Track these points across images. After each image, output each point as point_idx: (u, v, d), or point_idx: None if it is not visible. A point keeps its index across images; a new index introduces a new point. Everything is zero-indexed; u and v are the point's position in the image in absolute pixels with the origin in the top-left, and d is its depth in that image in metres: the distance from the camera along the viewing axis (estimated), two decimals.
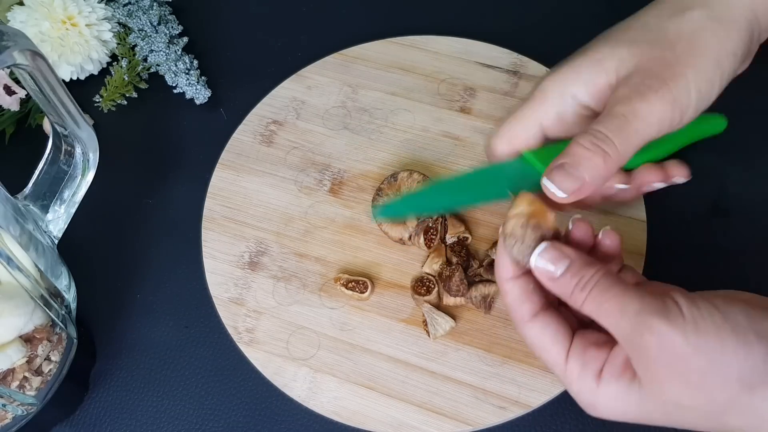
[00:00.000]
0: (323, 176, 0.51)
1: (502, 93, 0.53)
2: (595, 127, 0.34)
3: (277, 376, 0.44)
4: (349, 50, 0.55)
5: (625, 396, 0.31)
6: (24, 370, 0.40)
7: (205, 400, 0.45)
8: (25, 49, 0.36)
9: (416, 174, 0.48)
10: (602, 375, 0.32)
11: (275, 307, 0.47)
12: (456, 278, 0.44)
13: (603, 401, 0.32)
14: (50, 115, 0.42)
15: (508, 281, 0.34)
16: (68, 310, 0.43)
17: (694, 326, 0.29)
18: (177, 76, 0.55)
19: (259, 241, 0.49)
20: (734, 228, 0.48)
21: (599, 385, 0.32)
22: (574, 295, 0.32)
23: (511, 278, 0.34)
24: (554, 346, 0.33)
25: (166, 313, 0.48)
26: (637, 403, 0.31)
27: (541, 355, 0.34)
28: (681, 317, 0.29)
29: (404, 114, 0.53)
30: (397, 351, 0.44)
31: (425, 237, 0.46)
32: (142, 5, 0.57)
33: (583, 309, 0.32)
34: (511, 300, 0.34)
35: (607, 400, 0.32)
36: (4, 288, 0.39)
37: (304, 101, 0.54)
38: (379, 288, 0.46)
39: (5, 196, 0.38)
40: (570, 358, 0.33)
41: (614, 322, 0.31)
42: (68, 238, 0.44)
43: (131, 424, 0.45)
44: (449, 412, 0.42)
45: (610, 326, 0.31)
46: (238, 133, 0.53)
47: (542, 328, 0.33)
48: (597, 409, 0.32)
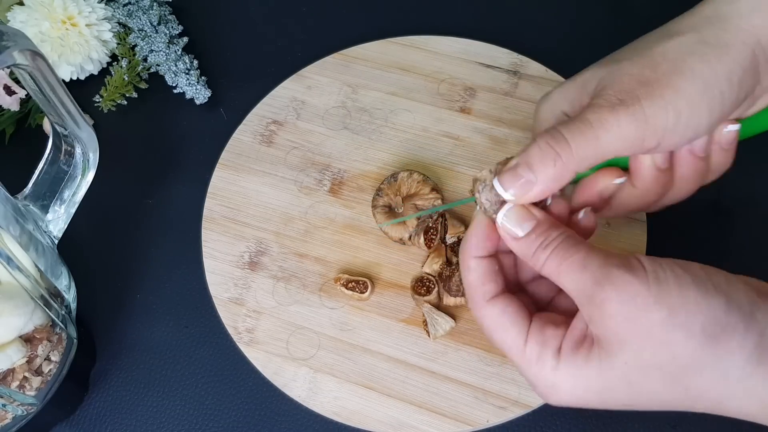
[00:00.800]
0: (323, 176, 0.51)
1: (502, 93, 0.53)
2: (558, 127, 0.33)
3: (277, 376, 0.44)
4: (349, 50, 0.55)
5: (584, 369, 0.30)
6: (24, 370, 0.40)
7: (205, 400, 0.45)
8: (25, 49, 0.36)
9: (416, 174, 0.48)
10: (561, 351, 0.31)
11: (275, 307, 0.47)
12: (456, 278, 0.44)
13: (562, 380, 0.31)
14: (50, 115, 0.42)
15: (474, 258, 0.34)
16: (68, 310, 0.43)
17: (655, 277, 0.29)
18: (177, 76, 0.55)
19: (259, 241, 0.49)
20: (734, 228, 0.48)
21: (559, 363, 0.31)
22: (535, 256, 0.32)
23: (477, 256, 0.34)
24: (513, 327, 0.32)
25: (166, 313, 0.48)
26: (597, 376, 0.30)
27: (498, 338, 0.33)
28: (642, 270, 0.29)
29: (404, 114, 0.53)
30: (396, 351, 0.44)
31: (425, 237, 0.46)
32: (142, 5, 0.57)
33: (544, 268, 0.31)
34: (473, 278, 0.34)
35: (567, 377, 0.30)
36: (4, 288, 0.39)
37: (304, 101, 0.54)
38: (379, 288, 0.47)
39: (5, 196, 0.38)
40: (529, 339, 0.32)
41: (575, 277, 0.30)
42: (68, 238, 0.44)
43: (131, 424, 0.45)
44: (449, 412, 0.42)
45: (570, 283, 0.30)
46: (238, 133, 0.53)
47: (502, 308, 0.33)
48: (557, 391, 0.31)
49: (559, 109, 0.36)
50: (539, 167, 0.32)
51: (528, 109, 0.52)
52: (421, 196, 0.48)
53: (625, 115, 0.32)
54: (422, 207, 0.47)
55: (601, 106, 0.32)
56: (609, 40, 0.56)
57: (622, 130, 0.32)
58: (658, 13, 0.55)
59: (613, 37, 0.55)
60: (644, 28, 0.36)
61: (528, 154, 0.33)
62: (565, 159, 0.32)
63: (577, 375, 0.30)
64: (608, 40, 0.56)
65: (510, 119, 0.51)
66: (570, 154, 0.32)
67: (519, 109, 0.52)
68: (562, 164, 0.32)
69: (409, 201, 0.48)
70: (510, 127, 0.51)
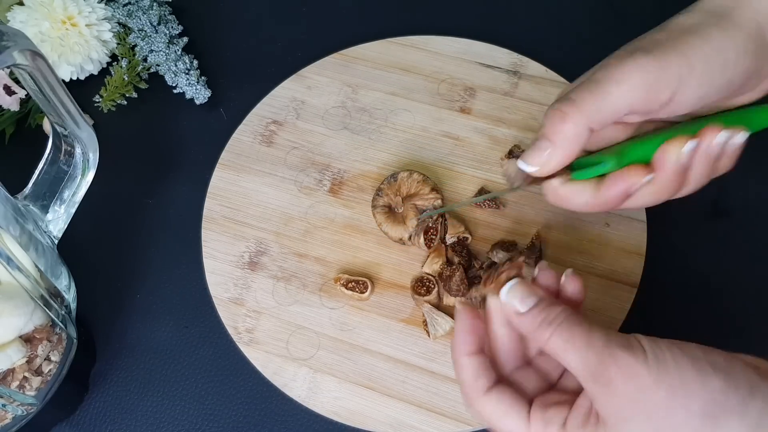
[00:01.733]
0: (323, 176, 0.51)
1: (502, 93, 0.53)
2: (567, 90, 0.35)
3: (277, 376, 0.44)
4: (349, 50, 0.55)
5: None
6: (24, 370, 0.40)
7: (205, 400, 0.45)
8: (25, 49, 0.36)
9: (416, 174, 0.48)
10: (566, 426, 0.31)
11: (275, 307, 0.47)
12: (456, 278, 0.44)
13: None
14: (50, 115, 0.42)
15: (464, 356, 0.35)
16: (68, 310, 0.43)
17: (655, 359, 0.30)
18: (177, 76, 0.55)
19: (258, 241, 0.49)
20: (734, 228, 0.48)
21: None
22: (539, 331, 0.32)
23: (467, 354, 0.35)
24: (512, 410, 0.33)
25: (166, 313, 0.48)
26: None
27: (501, 425, 0.34)
28: (642, 350, 0.30)
29: (404, 114, 0.53)
30: (396, 351, 0.44)
31: (425, 237, 0.46)
32: (142, 5, 0.57)
33: (549, 344, 0.32)
34: (467, 375, 0.34)
35: None
36: (4, 288, 0.39)
37: (304, 101, 0.54)
38: (379, 288, 0.47)
39: (5, 196, 0.38)
40: (532, 419, 0.32)
41: (580, 355, 0.31)
42: (68, 238, 0.44)
43: (131, 424, 0.45)
44: (449, 412, 0.42)
45: (575, 360, 0.31)
46: (238, 133, 0.53)
47: (499, 397, 0.33)
48: None
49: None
50: (552, 131, 0.34)
51: (528, 109, 0.52)
52: (421, 196, 0.48)
53: (636, 68, 0.33)
54: (422, 207, 0.47)
55: (609, 63, 0.34)
56: (609, 40, 0.56)
57: (633, 80, 0.33)
58: (658, 14, 0.55)
59: (613, 38, 0.55)
60: (644, 28, 0.36)
61: (542, 127, 0.34)
62: (573, 116, 0.33)
63: None
64: (608, 40, 0.56)
65: (510, 119, 0.51)
66: (577, 110, 0.33)
67: (519, 109, 0.52)
68: (573, 122, 0.33)
69: (409, 201, 0.48)
70: (510, 127, 0.51)
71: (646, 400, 0.29)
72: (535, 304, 0.33)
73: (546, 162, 0.35)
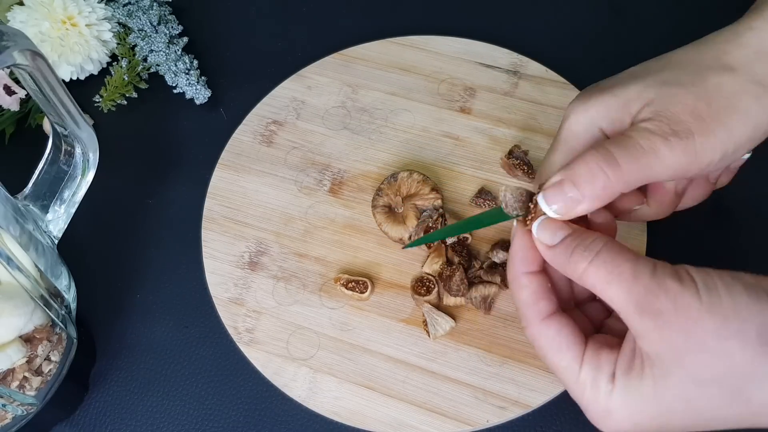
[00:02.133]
0: (323, 176, 0.51)
1: (502, 93, 0.53)
2: (608, 147, 0.32)
3: (277, 376, 0.44)
4: (349, 50, 0.55)
5: (639, 393, 0.29)
6: (24, 370, 0.40)
7: (205, 400, 0.45)
8: (25, 49, 0.36)
9: (416, 174, 0.48)
10: (615, 376, 0.30)
11: (275, 307, 0.47)
12: (456, 278, 0.44)
13: (617, 406, 0.30)
14: (50, 115, 0.42)
15: (525, 275, 0.33)
16: (68, 310, 0.43)
17: (706, 288, 0.28)
18: (177, 76, 0.55)
19: (259, 241, 0.49)
20: (734, 228, 0.48)
21: (613, 388, 0.30)
22: (573, 261, 0.31)
23: (528, 271, 0.33)
24: (569, 350, 0.31)
25: (166, 313, 0.48)
26: (653, 398, 0.29)
27: (552, 360, 0.32)
28: (691, 280, 0.29)
29: (404, 114, 0.53)
30: (397, 351, 0.44)
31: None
32: (142, 5, 0.57)
33: (587, 276, 0.30)
34: (525, 296, 0.33)
35: (622, 403, 0.30)
36: (4, 288, 0.39)
37: (304, 101, 0.54)
38: (379, 288, 0.47)
39: (5, 196, 0.38)
40: (584, 363, 0.31)
41: (626, 287, 0.29)
42: (68, 238, 0.44)
43: (131, 424, 0.45)
44: (449, 412, 0.42)
45: (619, 293, 0.29)
46: (238, 133, 0.53)
47: (558, 329, 0.32)
48: (612, 418, 0.30)
49: (596, 125, 0.36)
50: (586, 186, 0.32)
51: (528, 109, 0.52)
52: (421, 196, 0.48)
53: (680, 150, 0.32)
54: (422, 207, 0.47)
55: (654, 133, 0.32)
56: (609, 40, 0.56)
57: (673, 162, 0.32)
58: (658, 14, 0.55)
59: (613, 38, 0.55)
60: (644, 28, 0.36)
61: (574, 172, 0.32)
62: (614, 180, 0.32)
63: (632, 400, 0.29)
64: (608, 40, 0.56)
65: (510, 119, 0.51)
66: (620, 176, 0.32)
67: (519, 109, 0.52)
68: (611, 185, 0.32)
69: (409, 201, 0.48)
70: (510, 127, 0.51)
71: (699, 332, 0.28)
72: (567, 235, 0.32)
73: (567, 211, 0.32)
